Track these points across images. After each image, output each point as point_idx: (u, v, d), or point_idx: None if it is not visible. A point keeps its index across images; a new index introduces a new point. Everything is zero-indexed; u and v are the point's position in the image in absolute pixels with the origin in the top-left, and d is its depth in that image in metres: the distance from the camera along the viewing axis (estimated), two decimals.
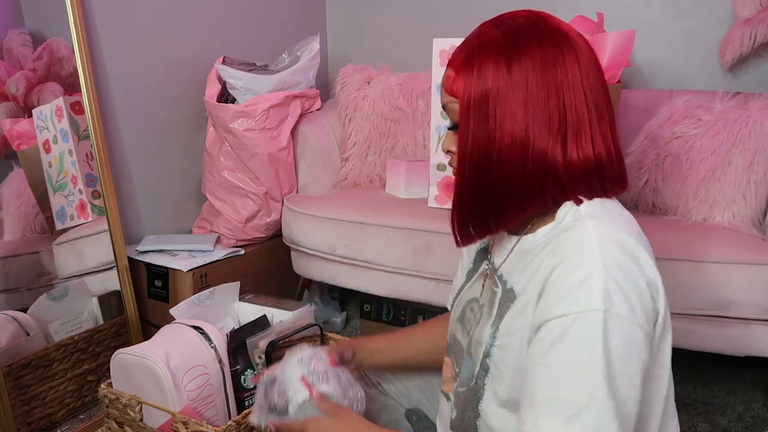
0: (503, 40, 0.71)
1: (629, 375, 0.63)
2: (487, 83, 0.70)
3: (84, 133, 1.54)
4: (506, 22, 0.73)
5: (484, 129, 0.70)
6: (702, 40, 1.81)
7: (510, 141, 0.69)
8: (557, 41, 0.70)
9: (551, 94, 0.69)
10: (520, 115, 0.69)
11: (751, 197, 1.47)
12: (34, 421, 1.39)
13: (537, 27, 0.71)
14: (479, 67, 0.71)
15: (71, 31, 1.47)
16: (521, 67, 0.69)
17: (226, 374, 1.16)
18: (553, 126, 0.69)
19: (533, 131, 0.69)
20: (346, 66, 2.03)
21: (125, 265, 1.57)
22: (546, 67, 0.69)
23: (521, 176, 0.70)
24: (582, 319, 0.62)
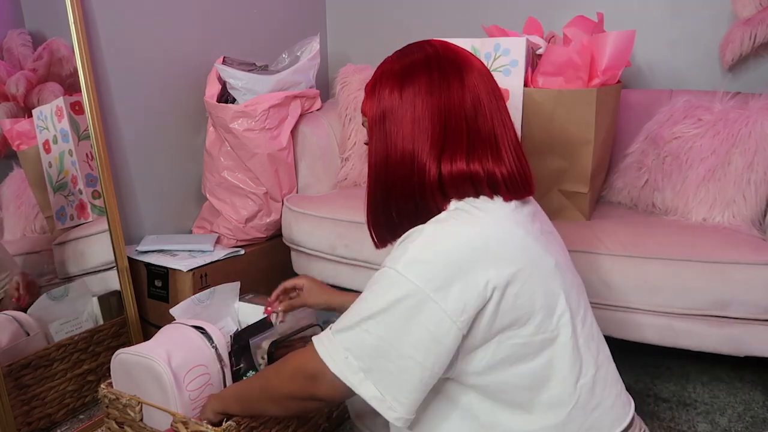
0: (399, 70, 0.85)
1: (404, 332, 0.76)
2: (383, 104, 0.84)
3: (84, 133, 1.54)
4: (406, 54, 0.87)
5: (383, 144, 0.84)
6: (702, 40, 1.81)
7: (400, 154, 0.83)
8: (446, 71, 0.83)
9: (434, 116, 0.81)
10: (408, 131, 0.82)
11: (751, 197, 1.47)
12: (34, 421, 1.39)
13: (429, 59, 0.84)
14: (379, 92, 0.85)
15: (71, 31, 1.47)
16: (411, 90, 0.82)
17: (226, 374, 1.16)
18: (435, 143, 0.81)
19: (418, 146, 0.82)
20: (346, 66, 2.03)
21: (125, 265, 1.57)
22: (432, 93, 0.82)
23: (411, 186, 0.83)
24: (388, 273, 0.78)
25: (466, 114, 0.82)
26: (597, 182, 1.60)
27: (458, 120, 0.81)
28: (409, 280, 0.76)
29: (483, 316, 0.77)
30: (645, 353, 1.64)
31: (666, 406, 1.50)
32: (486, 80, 0.84)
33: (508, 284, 0.77)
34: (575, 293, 0.86)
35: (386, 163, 0.84)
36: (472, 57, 0.86)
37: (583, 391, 0.82)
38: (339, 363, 0.79)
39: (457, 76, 0.82)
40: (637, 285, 1.34)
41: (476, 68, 0.84)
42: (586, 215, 1.54)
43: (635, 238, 1.40)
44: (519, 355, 0.80)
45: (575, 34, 1.49)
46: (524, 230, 0.81)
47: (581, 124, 1.43)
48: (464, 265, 0.76)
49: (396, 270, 0.77)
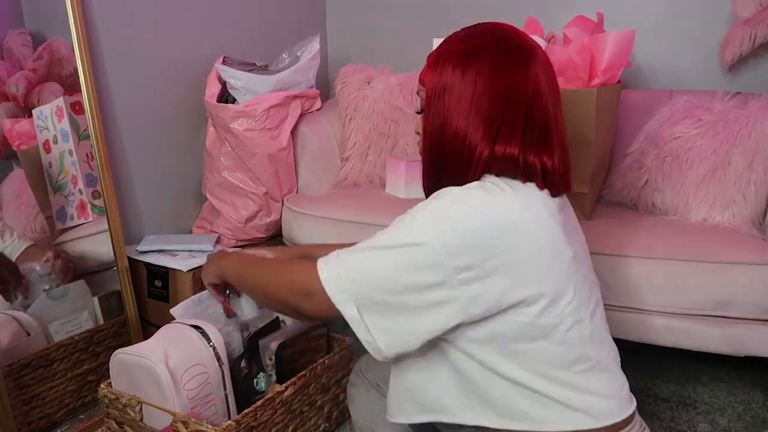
0: (465, 49, 0.85)
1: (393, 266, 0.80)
2: (444, 78, 0.85)
3: (84, 133, 1.54)
4: (475, 35, 0.88)
5: (438, 117, 0.86)
6: (702, 40, 1.81)
7: (454, 130, 0.85)
8: (513, 57, 0.84)
9: (494, 98, 0.82)
10: (464, 110, 0.83)
11: (751, 197, 1.47)
12: (34, 421, 1.39)
13: (498, 40, 0.85)
14: (442, 66, 0.86)
15: (71, 31, 1.47)
16: (473, 72, 0.83)
17: (225, 373, 1.16)
18: (490, 125, 0.83)
19: (472, 126, 0.83)
20: (346, 66, 2.03)
21: (125, 265, 1.57)
22: (494, 76, 0.83)
23: (460, 161, 0.85)
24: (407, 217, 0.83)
25: (526, 101, 0.83)
26: (597, 182, 1.60)
27: (517, 106, 0.83)
28: (426, 233, 0.78)
29: (490, 294, 0.79)
30: (645, 353, 1.64)
31: (666, 406, 1.50)
32: (549, 73, 0.86)
33: (522, 262, 0.78)
34: (587, 287, 0.87)
35: (440, 135, 0.86)
36: (538, 48, 0.87)
37: (574, 378, 0.83)
38: (331, 279, 0.83)
39: (522, 64, 0.83)
40: (638, 285, 1.34)
41: (540, 59, 0.86)
42: (586, 215, 1.54)
43: (635, 238, 1.40)
44: (519, 333, 0.81)
45: (575, 34, 1.49)
46: (549, 213, 0.82)
47: (581, 124, 1.43)
48: (481, 239, 0.78)
49: (414, 216, 0.81)
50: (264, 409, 1.15)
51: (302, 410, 1.27)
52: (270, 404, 1.17)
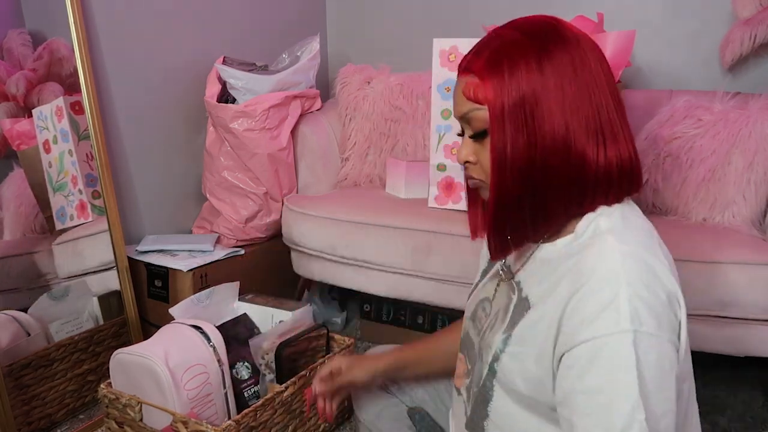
0: (528, 41, 0.69)
1: (664, 389, 0.63)
2: (521, 86, 0.68)
3: (84, 133, 1.54)
4: (524, 24, 0.72)
5: (524, 134, 0.68)
6: (702, 40, 1.81)
7: (552, 143, 0.68)
8: (579, 43, 0.71)
9: (584, 94, 0.69)
10: (558, 115, 0.68)
11: (751, 197, 1.47)
12: (34, 421, 1.39)
13: (557, 28, 0.71)
14: (510, 70, 0.68)
15: (71, 31, 1.47)
16: (553, 66, 0.68)
17: (225, 373, 1.17)
18: (590, 126, 0.69)
19: (573, 132, 0.68)
20: (346, 66, 2.03)
21: (125, 265, 1.57)
22: (575, 68, 0.69)
23: (566, 179, 0.69)
24: (612, 341, 0.61)
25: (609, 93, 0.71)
26: None
27: (607, 100, 0.70)
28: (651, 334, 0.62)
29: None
30: None
31: None
32: (605, 59, 0.74)
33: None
34: None
35: (530, 157, 0.68)
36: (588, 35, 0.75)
37: None
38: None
39: (592, 53, 0.71)
40: None
41: (597, 47, 0.74)
42: None
43: None
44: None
45: None
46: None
47: None
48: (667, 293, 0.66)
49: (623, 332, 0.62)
50: (264, 409, 1.15)
51: (302, 410, 1.27)
52: (270, 404, 1.17)
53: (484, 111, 0.70)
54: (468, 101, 0.72)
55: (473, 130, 0.73)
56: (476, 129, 0.72)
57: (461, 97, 0.73)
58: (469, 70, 0.72)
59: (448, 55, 1.55)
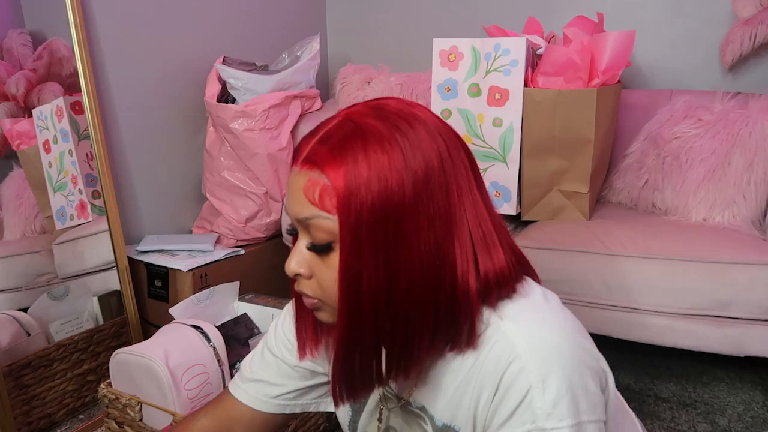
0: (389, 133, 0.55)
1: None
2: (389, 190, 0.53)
3: (84, 133, 1.54)
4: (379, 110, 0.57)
5: (386, 255, 0.54)
6: (702, 40, 1.81)
7: (419, 263, 0.55)
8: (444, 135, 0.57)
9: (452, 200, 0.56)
10: (426, 226, 0.54)
11: (751, 197, 1.47)
12: (34, 421, 1.39)
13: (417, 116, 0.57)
14: (370, 169, 0.53)
15: (71, 31, 1.47)
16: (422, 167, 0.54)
17: (225, 373, 1.17)
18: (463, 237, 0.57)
19: (444, 244, 0.56)
20: (346, 66, 2.03)
21: (125, 265, 1.57)
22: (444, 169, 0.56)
23: (434, 303, 0.56)
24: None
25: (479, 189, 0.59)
26: (597, 182, 1.61)
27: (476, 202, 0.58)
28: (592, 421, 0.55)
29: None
30: (645, 353, 1.64)
31: (666, 406, 1.50)
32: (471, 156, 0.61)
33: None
34: None
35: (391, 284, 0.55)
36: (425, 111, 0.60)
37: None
38: None
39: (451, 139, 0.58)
40: (637, 285, 1.34)
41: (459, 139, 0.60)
42: (586, 215, 1.54)
43: (635, 238, 1.40)
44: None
45: (575, 34, 1.49)
46: None
47: (581, 124, 1.43)
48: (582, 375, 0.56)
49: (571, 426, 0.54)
50: None
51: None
52: None
53: (332, 221, 0.55)
54: (310, 204, 0.56)
55: (313, 241, 0.57)
56: (318, 241, 0.57)
57: (301, 195, 0.56)
58: (311, 163, 0.55)
59: (448, 55, 1.55)
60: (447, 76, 1.56)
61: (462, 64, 1.54)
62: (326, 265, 0.57)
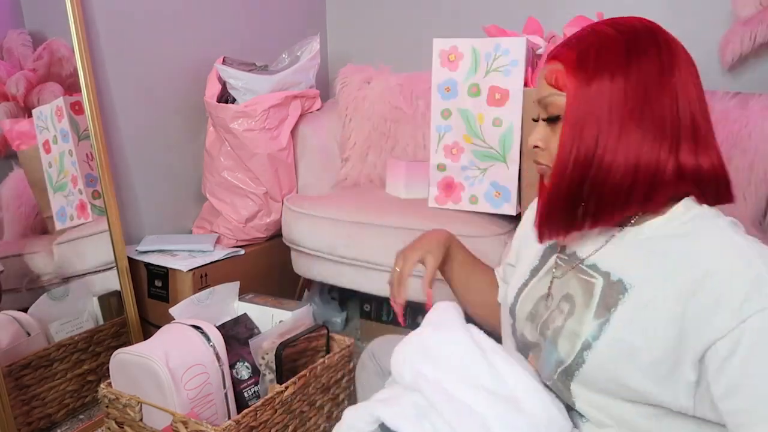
0: (623, 44, 0.71)
1: None
2: (602, 86, 0.70)
3: (84, 133, 1.54)
4: (623, 24, 0.73)
5: (596, 129, 0.70)
6: (702, 40, 1.80)
7: (624, 145, 0.70)
8: (672, 51, 0.71)
9: (667, 102, 0.70)
10: (635, 120, 0.69)
11: (751, 197, 1.47)
12: (34, 421, 1.39)
13: (654, 34, 0.72)
14: (597, 67, 0.70)
15: (71, 31, 1.47)
16: (640, 73, 0.69)
17: (225, 373, 1.17)
18: (668, 134, 0.70)
19: (647, 138, 0.69)
20: (346, 66, 2.03)
21: (125, 265, 1.57)
22: (663, 74, 0.70)
23: (631, 181, 0.70)
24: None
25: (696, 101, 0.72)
26: None
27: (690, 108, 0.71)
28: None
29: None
30: None
31: None
32: (695, 68, 0.74)
33: None
34: None
35: (598, 153, 0.71)
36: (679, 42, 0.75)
37: None
38: None
39: (682, 59, 0.72)
40: None
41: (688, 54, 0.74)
42: None
43: None
44: None
45: None
46: None
47: None
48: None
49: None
50: (264, 409, 1.15)
51: (302, 410, 1.27)
52: (270, 404, 1.17)
53: (562, 97, 0.73)
54: (549, 86, 0.74)
55: (548, 114, 0.76)
56: (551, 113, 0.75)
57: (543, 81, 0.76)
58: (556, 59, 0.74)
59: (448, 55, 1.55)
60: (447, 76, 1.56)
61: (462, 64, 1.54)
62: (555, 133, 0.75)
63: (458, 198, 1.61)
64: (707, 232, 0.69)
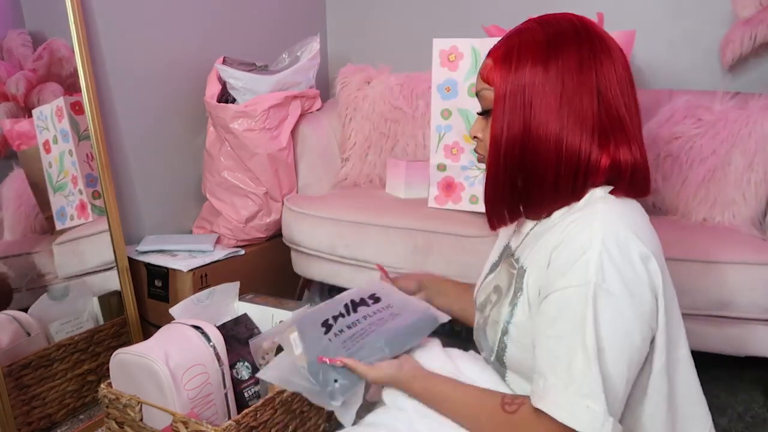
0: (544, 39, 0.76)
1: (616, 351, 0.68)
2: (524, 76, 0.75)
3: (84, 133, 1.54)
4: (550, 22, 0.78)
5: (520, 119, 0.75)
6: (702, 40, 1.81)
7: (544, 133, 0.74)
8: (595, 46, 0.75)
9: (586, 94, 0.73)
10: (554, 109, 0.74)
11: (751, 197, 1.47)
12: (34, 421, 1.39)
13: (578, 30, 0.76)
14: (518, 61, 0.76)
15: (71, 31, 1.47)
16: (558, 66, 0.74)
17: (225, 373, 1.17)
18: (587, 124, 0.74)
19: (567, 127, 0.73)
20: (346, 66, 2.03)
21: (125, 265, 1.57)
22: (582, 68, 0.74)
23: (554, 169, 0.75)
24: (577, 292, 0.68)
25: (620, 95, 0.75)
26: None
27: (614, 102, 0.74)
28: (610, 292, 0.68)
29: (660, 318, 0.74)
30: None
31: None
32: (626, 63, 0.77)
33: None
34: None
35: (522, 140, 0.75)
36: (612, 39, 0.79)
37: None
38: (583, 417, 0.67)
39: (606, 54, 0.75)
40: None
41: (617, 49, 0.77)
42: None
43: None
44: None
45: None
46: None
47: None
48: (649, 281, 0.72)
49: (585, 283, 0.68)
50: (264, 409, 1.15)
51: (302, 410, 1.27)
52: (270, 404, 1.17)
53: (491, 92, 0.78)
54: (481, 81, 0.80)
55: (482, 108, 0.82)
56: (484, 107, 0.81)
57: (478, 76, 0.81)
58: (489, 55, 0.80)
59: (448, 55, 1.55)
60: (447, 76, 1.56)
61: (462, 64, 1.54)
62: (488, 126, 0.80)
63: (458, 198, 1.61)
64: (581, 213, 0.75)
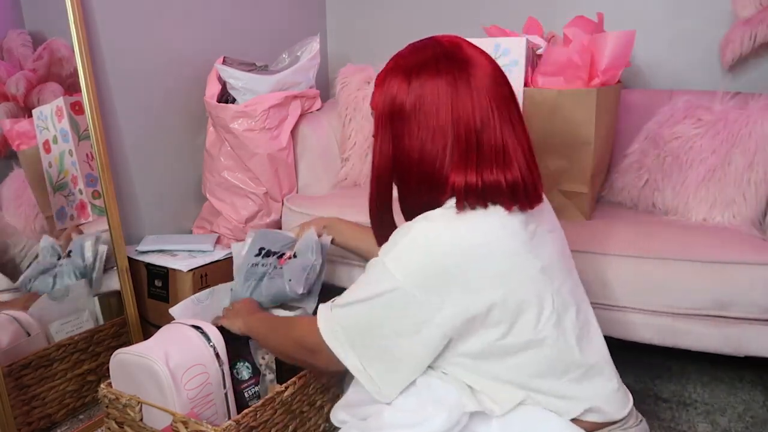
0: (409, 63, 0.83)
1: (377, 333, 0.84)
2: (387, 99, 0.84)
3: (84, 133, 1.54)
4: (418, 46, 0.86)
5: (390, 145, 0.85)
6: (702, 40, 1.81)
7: (407, 158, 0.83)
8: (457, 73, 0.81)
9: (446, 119, 0.80)
10: (416, 134, 0.82)
11: (751, 197, 1.47)
12: (34, 421, 1.39)
13: (437, 58, 0.82)
14: (385, 84, 0.84)
15: (71, 31, 1.47)
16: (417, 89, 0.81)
17: (225, 373, 1.17)
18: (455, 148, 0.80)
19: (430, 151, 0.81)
20: (346, 66, 2.03)
21: (125, 265, 1.57)
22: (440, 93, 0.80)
23: (420, 188, 0.84)
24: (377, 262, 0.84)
25: (475, 126, 0.80)
26: (597, 182, 1.60)
27: (467, 127, 0.80)
28: (394, 276, 0.80)
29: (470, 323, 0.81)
30: (645, 353, 1.64)
31: (666, 406, 1.50)
32: (495, 82, 0.82)
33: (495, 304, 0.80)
34: (566, 292, 0.87)
35: (393, 162, 0.86)
36: (480, 57, 0.83)
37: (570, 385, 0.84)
38: (330, 335, 0.87)
39: (464, 83, 0.80)
40: (637, 285, 1.34)
41: (483, 69, 0.82)
42: (586, 215, 1.54)
43: (635, 238, 1.40)
44: (502, 351, 0.82)
45: (575, 34, 1.49)
46: (507, 232, 0.81)
47: (581, 124, 1.43)
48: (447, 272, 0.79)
49: (384, 262, 0.82)
50: (264, 409, 1.15)
51: (302, 410, 1.27)
52: (270, 404, 1.17)
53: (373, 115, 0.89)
54: (370, 105, 0.89)
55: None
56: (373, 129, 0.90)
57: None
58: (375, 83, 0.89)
59: None
60: None
61: None
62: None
63: None
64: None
